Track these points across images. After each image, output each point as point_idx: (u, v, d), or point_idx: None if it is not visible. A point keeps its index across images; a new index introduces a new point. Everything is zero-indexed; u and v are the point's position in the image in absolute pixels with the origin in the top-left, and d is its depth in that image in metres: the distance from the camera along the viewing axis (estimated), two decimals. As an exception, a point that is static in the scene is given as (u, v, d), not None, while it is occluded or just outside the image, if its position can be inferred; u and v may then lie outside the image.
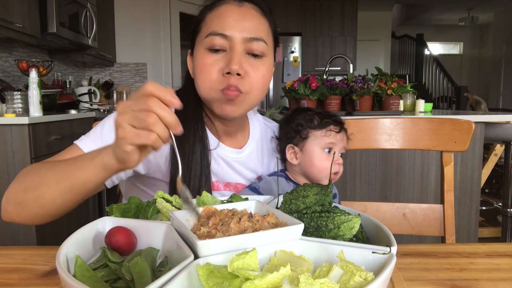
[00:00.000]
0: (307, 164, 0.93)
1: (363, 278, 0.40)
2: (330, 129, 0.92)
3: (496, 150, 3.13)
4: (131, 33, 4.37)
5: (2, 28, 2.32)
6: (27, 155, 2.02)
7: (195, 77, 0.85)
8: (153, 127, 0.52)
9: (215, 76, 0.81)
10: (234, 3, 0.83)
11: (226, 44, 0.80)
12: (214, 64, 0.81)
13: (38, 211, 0.70)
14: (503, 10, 7.84)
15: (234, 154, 0.93)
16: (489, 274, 0.62)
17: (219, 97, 0.82)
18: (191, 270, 0.42)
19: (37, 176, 0.71)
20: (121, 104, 0.55)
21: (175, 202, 0.63)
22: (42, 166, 0.73)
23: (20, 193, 0.70)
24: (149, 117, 0.52)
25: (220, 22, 0.81)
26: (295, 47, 5.22)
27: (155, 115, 0.52)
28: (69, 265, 0.47)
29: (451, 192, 1.05)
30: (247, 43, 0.81)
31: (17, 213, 0.71)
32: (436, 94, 7.99)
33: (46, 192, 0.68)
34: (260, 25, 0.83)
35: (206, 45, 0.81)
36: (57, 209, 0.70)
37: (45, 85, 3.09)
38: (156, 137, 0.53)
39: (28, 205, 0.69)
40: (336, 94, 2.27)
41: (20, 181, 0.72)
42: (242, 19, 0.81)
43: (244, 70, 0.80)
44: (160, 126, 0.52)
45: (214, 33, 0.80)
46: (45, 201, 0.68)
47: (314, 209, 0.56)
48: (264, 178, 0.92)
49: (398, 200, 2.04)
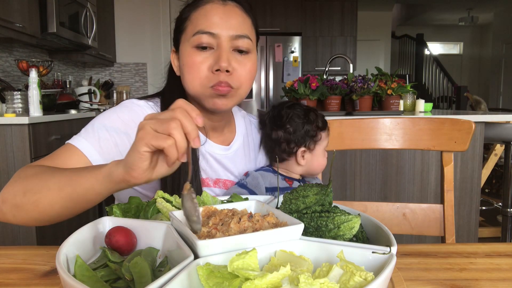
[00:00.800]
0: (313, 163, 0.98)
1: (363, 278, 0.40)
2: (328, 129, 0.99)
3: (496, 150, 3.13)
4: (131, 33, 4.37)
5: (2, 28, 2.32)
6: (27, 155, 2.02)
7: (183, 75, 0.87)
8: (173, 131, 0.52)
9: (205, 73, 0.83)
10: (218, 2, 0.85)
11: (213, 42, 0.83)
12: (203, 62, 0.83)
13: (36, 216, 0.68)
14: (503, 10, 7.84)
15: (222, 151, 0.96)
16: (489, 274, 0.62)
17: (210, 93, 0.84)
18: (191, 270, 0.42)
19: (39, 180, 0.69)
20: (150, 114, 0.56)
21: (175, 202, 0.63)
22: (45, 170, 0.71)
23: (19, 195, 0.69)
24: (172, 122, 0.52)
25: (206, 20, 0.83)
26: (295, 47, 5.22)
27: (178, 121, 0.52)
28: (69, 265, 0.47)
29: (451, 192, 1.05)
30: (233, 40, 0.83)
31: (13, 214, 0.69)
32: (436, 94, 7.99)
33: (46, 198, 0.66)
34: (244, 23, 0.86)
35: (193, 43, 0.83)
36: (55, 216, 0.69)
37: (45, 85, 3.09)
38: (173, 142, 0.52)
39: (26, 208, 0.68)
40: (336, 94, 2.27)
41: (19, 183, 0.70)
42: (227, 18, 0.84)
43: (232, 67, 0.83)
44: (179, 133, 0.52)
45: (201, 32, 0.82)
46: (44, 206, 0.67)
47: (314, 209, 0.56)
48: (251, 174, 0.94)
49: (398, 200, 2.04)
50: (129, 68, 4.49)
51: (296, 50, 5.21)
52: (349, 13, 5.46)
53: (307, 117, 0.98)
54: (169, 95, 0.94)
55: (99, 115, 0.89)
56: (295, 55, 5.21)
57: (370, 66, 5.37)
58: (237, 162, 0.98)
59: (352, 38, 5.51)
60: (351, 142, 1.10)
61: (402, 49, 8.81)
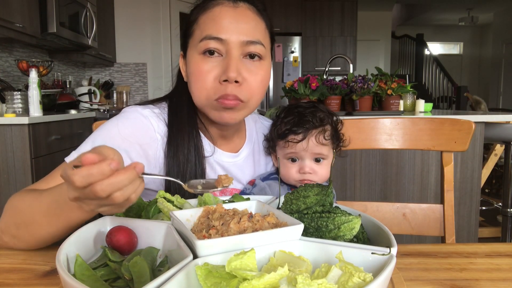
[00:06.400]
0: (281, 171, 0.92)
1: (362, 279, 0.40)
2: (288, 140, 0.87)
3: (496, 150, 3.13)
4: (131, 33, 4.37)
5: (2, 28, 2.32)
6: (27, 155, 2.02)
7: (189, 83, 0.82)
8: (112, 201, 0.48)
9: (211, 84, 0.76)
10: (228, 4, 0.78)
11: (222, 49, 0.76)
12: (210, 71, 0.76)
13: (36, 243, 0.68)
14: (503, 10, 7.84)
15: (230, 158, 0.91)
16: (489, 274, 0.62)
17: (215, 106, 0.78)
18: (189, 270, 0.42)
19: (23, 214, 0.67)
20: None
21: (177, 202, 0.63)
22: (27, 202, 0.68)
23: (13, 228, 0.68)
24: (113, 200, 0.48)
25: (215, 24, 0.76)
26: (295, 47, 5.22)
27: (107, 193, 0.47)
28: (69, 264, 0.47)
29: (451, 192, 1.05)
30: (244, 46, 0.76)
31: (14, 243, 0.69)
32: (436, 94, 7.99)
33: (41, 232, 0.65)
34: (257, 27, 0.79)
35: (200, 49, 0.77)
36: (56, 239, 0.68)
37: (45, 85, 3.09)
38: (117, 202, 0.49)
39: (24, 238, 0.68)
40: (336, 94, 2.27)
41: (10, 215, 0.69)
42: (238, 21, 0.76)
43: (242, 77, 0.76)
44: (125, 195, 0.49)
45: (208, 37, 0.76)
46: (42, 237, 0.66)
47: (315, 209, 0.56)
48: (258, 184, 0.90)
49: (398, 200, 2.03)
50: (129, 68, 4.49)
51: (296, 50, 5.22)
52: (349, 13, 5.46)
53: (280, 118, 0.92)
54: (177, 100, 0.88)
55: (101, 127, 0.82)
56: (295, 55, 5.21)
57: (370, 66, 5.37)
58: (245, 170, 0.93)
59: (352, 38, 5.52)
60: (351, 142, 1.10)
61: (402, 49, 8.81)
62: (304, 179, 0.88)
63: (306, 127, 0.87)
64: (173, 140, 0.83)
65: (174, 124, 0.83)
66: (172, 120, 0.84)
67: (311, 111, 0.90)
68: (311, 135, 0.87)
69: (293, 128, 0.87)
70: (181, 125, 0.83)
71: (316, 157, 0.89)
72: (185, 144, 0.82)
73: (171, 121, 0.84)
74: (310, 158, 0.89)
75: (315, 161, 0.89)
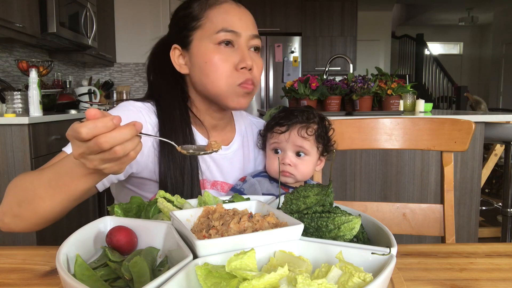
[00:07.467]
0: (266, 163, 0.98)
1: (362, 279, 0.40)
2: (274, 131, 0.95)
3: (496, 150, 3.13)
4: (131, 33, 4.36)
5: (2, 28, 2.32)
6: (27, 155, 2.02)
7: (202, 72, 0.86)
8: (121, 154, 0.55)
9: (230, 71, 0.85)
10: (233, 3, 0.89)
11: (235, 40, 0.86)
12: (227, 59, 0.85)
13: (37, 221, 0.72)
14: (503, 10, 7.84)
15: (221, 151, 0.96)
16: (489, 274, 0.62)
17: (237, 91, 0.86)
18: (189, 270, 0.42)
19: (25, 190, 0.71)
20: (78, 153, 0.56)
21: (177, 202, 0.63)
22: (28, 179, 0.73)
23: (15, 206, 0.72)
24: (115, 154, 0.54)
25: (230, 19, 0.86)
26: (295, 47, 5.21)
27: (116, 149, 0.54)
28: (69, 264, 0.47)
29: (451, 192, 1.05)
30: (251, 40, 0.87)
31: (15, 224, 0.73)
32: (436, 94, 7.99)
33: (43, 206, 0.69)
34: (255, 24, 0.91)
35: (216, 40, 0.85)
36: (56, 216, 0.73)
37: (45, 85, 3.09)
38: (119, 156, 0.55)
39: (25, 216, 0.71)
40: (336, 94, 2.27)
41: (12, 195, 0.73)
42: (245, 18, 0.88)
43: (254, 65, 0.87)
44: (126, 150, 0.55)
45: (225, 30, 0.84)
46: (44, 212, 0.70)
47: (315, 209, 0.56)
48: (248, 180, 0.94)
49: (398, 200, 2.04)
50: (129, 68, 4.49)
51: (296, 50, 5.21)
52: (349, 13, 5.45)
53: (274, 115, 0.98)
54: (165, 95, 0.92)
55: None
56: (295, 55, 5.20)
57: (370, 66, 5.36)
58: (235, 164, 0.98)
59: (352, 38, 5.51)
60: (351, 142, 1.10)
61: (402, 49, 8.81)
62: (284, 171, 0.92)
63: (292, 121, 0.93)
64: (166, 137, 0.85)
65: (166, 121, 0.88)
66: (164, 117, 0.89)
67: (302, 110, 0.96)
68: (294, 127, 0.93)
69: (280, 121, 0.94)
70: (174, 123, 0.88)
71: (297, 150, 0.93)
72: (179, 141, 0.86)
73: (162, 118, 0.88)
74: (291, 151, 0.93)
75: (296, 155, 0.93)
